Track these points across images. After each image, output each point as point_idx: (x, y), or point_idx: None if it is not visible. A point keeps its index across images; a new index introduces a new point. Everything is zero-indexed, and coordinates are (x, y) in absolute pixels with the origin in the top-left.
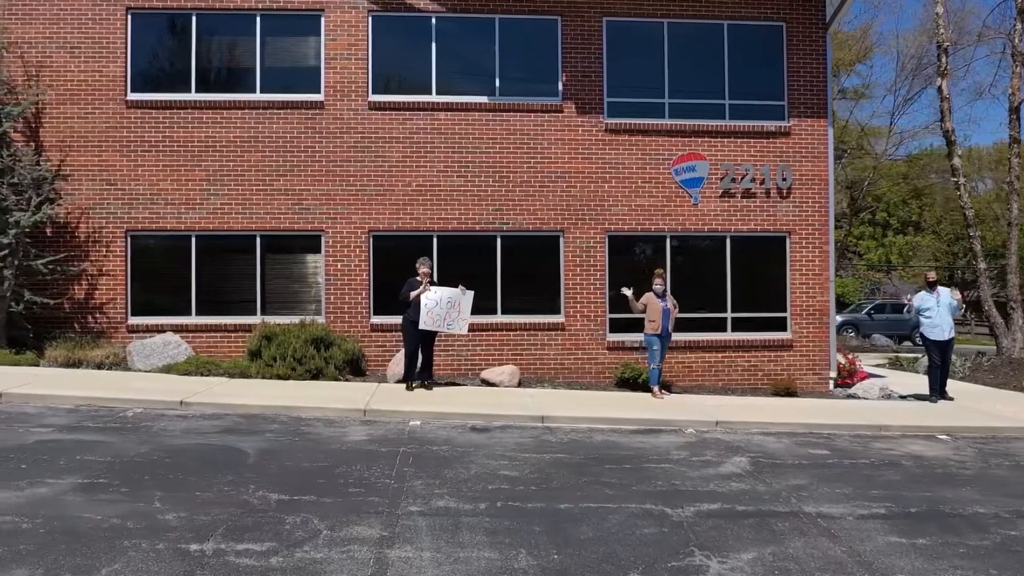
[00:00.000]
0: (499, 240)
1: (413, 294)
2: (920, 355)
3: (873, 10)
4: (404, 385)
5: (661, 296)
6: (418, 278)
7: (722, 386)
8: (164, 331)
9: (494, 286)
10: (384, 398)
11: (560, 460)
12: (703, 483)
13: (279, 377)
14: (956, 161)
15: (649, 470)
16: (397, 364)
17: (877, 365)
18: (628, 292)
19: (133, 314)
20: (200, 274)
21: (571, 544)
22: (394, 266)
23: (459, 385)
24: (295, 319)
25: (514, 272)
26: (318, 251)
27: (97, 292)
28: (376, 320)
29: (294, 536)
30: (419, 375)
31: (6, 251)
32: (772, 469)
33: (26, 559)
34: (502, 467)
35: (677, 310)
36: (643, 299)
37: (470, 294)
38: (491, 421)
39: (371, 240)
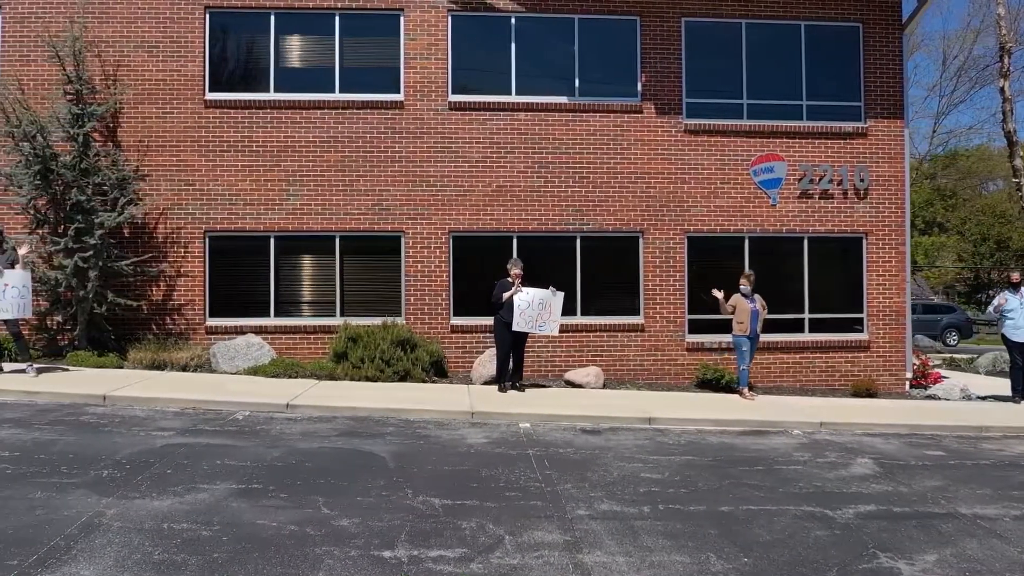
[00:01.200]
0: (579, 241)
1: (506, 295)
2: (974, 355)
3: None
4: (496, 387)
5: (749, 297)
6: (509, 279)
7: (799, 387)
8: (244, 332)
9: (574, 287)
10: (483, 400)
11: (691, 462)
12: (844, 485)
13: (367, 379)
14: (1018, 162)
15: (783, 471)
16: (482, 365)
17: (935, 366)
18: (719, 294)
19: (211, 315)
20: (279, 275)
21: (754, 547)
22: (474, 267)
23: (544, 387)
24: (375, 320)
25: (594, 273)
26: (398, 252)
27: (176, 293)
28: (456, 321)
29: (479, 542)
30: (510, 376)
31: (90, 252)
32: (902, 471)
33: (226, 568)
34: (639, 470)
35: (766, 311)
36: (731, 300)
37: (560, 295)
38: (598, 423)
39: (451, 241)
